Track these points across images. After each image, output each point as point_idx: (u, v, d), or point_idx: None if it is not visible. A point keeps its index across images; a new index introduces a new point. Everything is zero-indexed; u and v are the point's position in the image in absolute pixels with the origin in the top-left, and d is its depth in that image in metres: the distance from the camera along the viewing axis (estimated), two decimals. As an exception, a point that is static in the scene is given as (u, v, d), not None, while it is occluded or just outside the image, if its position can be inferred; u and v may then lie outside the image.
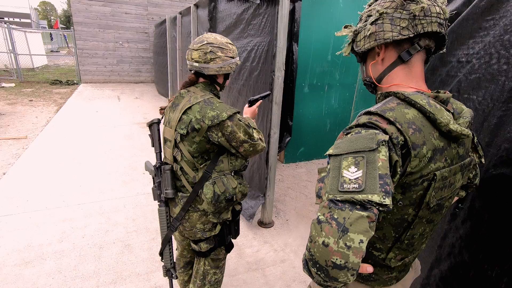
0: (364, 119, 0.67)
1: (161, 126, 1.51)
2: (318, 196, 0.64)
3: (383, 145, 0.59)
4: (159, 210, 1.48)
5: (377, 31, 0.74)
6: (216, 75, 1.40)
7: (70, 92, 8.52)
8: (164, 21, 7.65)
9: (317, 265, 0.54)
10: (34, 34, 13.40)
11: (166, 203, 1.48)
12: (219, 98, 1.44)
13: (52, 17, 59.04)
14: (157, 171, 1.46)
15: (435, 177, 0.67)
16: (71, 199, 3.06)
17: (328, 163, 0.64)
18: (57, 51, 21.44)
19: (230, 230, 1.54)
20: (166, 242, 1.52)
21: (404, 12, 0.70)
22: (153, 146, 1.50)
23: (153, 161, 1.59)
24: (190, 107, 1.30)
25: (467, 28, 1.26)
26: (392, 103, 0.69)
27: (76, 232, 2.55)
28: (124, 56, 10.41)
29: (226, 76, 1.45)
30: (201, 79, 1.42)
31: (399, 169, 0.62)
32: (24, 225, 2.61)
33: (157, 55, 9.27)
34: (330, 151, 0.64)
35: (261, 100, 1.59)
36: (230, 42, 1.40)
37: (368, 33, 0.76)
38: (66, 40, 24.41)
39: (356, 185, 0.55)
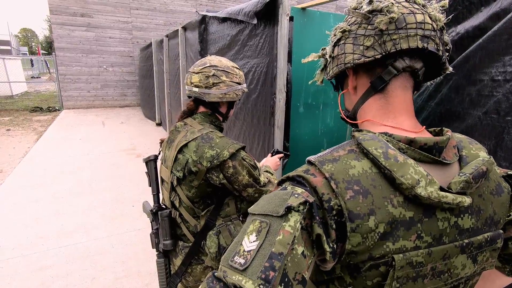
0: (300, 170, 0.51)
1: (159, 163, 1.31)
2: None
3: (296, 211, 0.44)
4: (158, 262, 1.26)
5: (339, 54, 0.60)
6: (219, 103, 1.22)
7: (51, 119, 8.14)
8: (150, 44, 7.55)
9: None
10: (14, 60, 13.01)
11: (165, 253, 1.27)
12: (222, 130, 1.25)
13: (33, 43, 58.46)
14: (154, 216, 1.25)
15: (394, 263, 0.47)
16: (51, 242, 2.73)
17: None
18: (38, 77, 20.93)
19: None
20: None
21: (369, 27, 0.55)
22: (150, 186, 1.29)
23: (151, 200, 1.38)
24: (186, 145, 1.10)
25: (500, 44, 1.14)
26: (343, 149, 0.52)
27: (56, 283, 2.23)
28: (108, 80, 10.18)
29: (230, 105, 1.26)
30: (201, 108, 1.23)
31: (327, 245, 0.45)
32: (-5, 277, 2.27)
33: (143, 79, 9.11)
34: (250, 208, 0.51)
35: (283, 154, 1.50)
36: (237, 66, 1.23)
37: (329, 57, 0.64)
38: (47, 65, 23.97)
39: (243, 261, 0.43)
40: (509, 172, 0.61)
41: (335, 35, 0.62)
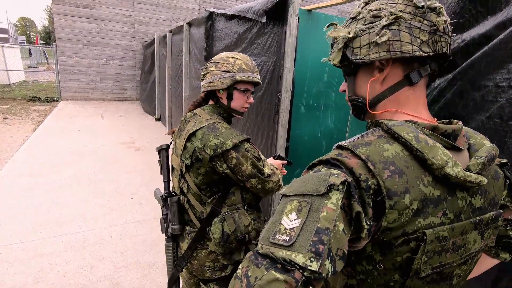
0: (332, 154, 0.54)
1: (170, 151, 1.35)
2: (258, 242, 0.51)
3: (336, 190, 0.46)
4: (166, 246, 1.31)
5: (392, 40, 0.57)
6: (216, 94, 1.25)
7: (50, 109, 8.08)
8: (153, 40, 7.54)
9: None
10: (12, 49, 12.87)
11: (173, 238, 1.32)
12: (230, 122, 1.28)
13: (31, 33, 57.77)
14: (164, 202, 1.29)
15: (425, 238, 0.51)
16: (49, 230, 2.73)
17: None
18: (35, 67, 20.71)
19: None
20: (173, 282, 1.33)
21: (425, 22, 0.56)
22: (161, 174, 1.35)
23: (162, 188, 1.42)
24: (194, 133, 1.15)
25: (506, 52, 1.19)
26: (372, 135, 0.55)
27: (55, 270, 2.23)
28: (108, 73, 10.12)
29: (229, 96, 1.23)
30: (211, 101, 1.29)
31: (365, 223, 0.48)
32: (-7, 262, 2.27)
33: (144, 73, 9.09)
34: (283, 190, 0.52)
35: (286, 161, 1.49)
36: (236, 56, 1.23)
37: (381, 40, 0.57)
38: (46, 56, 23.70)
39: (287, 237, 0.44)
40: (502, 161, 0.69)
41: (376, 16, 0.58)
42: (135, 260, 2.40)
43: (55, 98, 9.60)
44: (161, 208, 1.31)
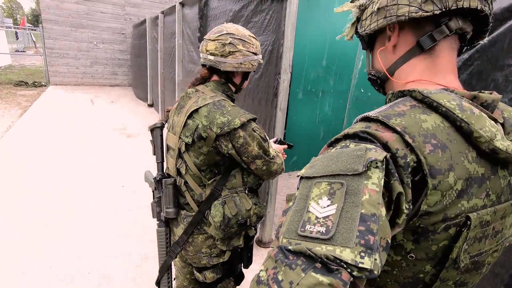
0: (358, 127, 0.46)
1: (165, 131, 1.25)
2: (276, 236, 0.43)
3: (376, 167, 0.39)
4: (158, 231, 1.23)
5: (389, 4, 0.52)
6: (233, 73, 1.18)
7: (37, 94, 7.79)
8: (144, 21, 7.24)
9: None
10: (-3, 31, 12.34)
11: (166, 222, 1.24)
12: (233, 101, 1.21)
13: (18, 15, 55.66)
14: (157, 184, 1.21)
15: (469, 223, 0.44)
16: (36, 218, 2.60)
17: (298, 188, 0.45)
18: (23, 51, 19.99)
19: (242, 258, 1.29)
20: (165, 269, 1.26)
21: None
22: (154, 154, 1.26)
23: (154, 170, 1.32)
24: (196, 110, 1.07)
25: (534, 25, 1.06)
26: (403, 105, 0.48)
27: (41, 260, 2.12)
28: (98, 57, 9.77)
29: (245, 76, 1.23)
30: (214, 77, 1.19)
31: (405, 206, 0.40)
32: (-25, 253, 2.14)
33: (135, 57, 8.78)
34: (302, 171, 0.44)
35: (286, 145, 1.46)
36: (254, 36, 1.17)
37: (376, 7, 0.53)
38: (33, 40, 22.85)
39: (323, 229, 0.36)
40: None
41: None
42: (126, 250, 2.31)
43: (43, 83, 9.26)
44: (153, 192, 1.23)
